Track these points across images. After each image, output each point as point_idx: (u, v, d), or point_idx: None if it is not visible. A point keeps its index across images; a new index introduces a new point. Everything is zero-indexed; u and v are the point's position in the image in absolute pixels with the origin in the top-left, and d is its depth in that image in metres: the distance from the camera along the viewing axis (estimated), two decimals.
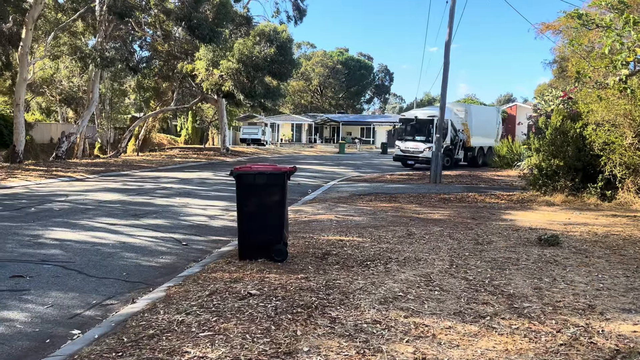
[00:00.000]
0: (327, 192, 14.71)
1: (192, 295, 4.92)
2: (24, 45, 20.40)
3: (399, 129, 27.52)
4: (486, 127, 29.07)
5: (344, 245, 7.12)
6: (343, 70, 75.63)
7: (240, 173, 6.22)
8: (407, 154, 25.77)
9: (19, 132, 20.76)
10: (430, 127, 24.41)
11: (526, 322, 4.35)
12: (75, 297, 5.13)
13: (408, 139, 25.84)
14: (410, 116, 26.76)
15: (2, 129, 28.88)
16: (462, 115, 26.90)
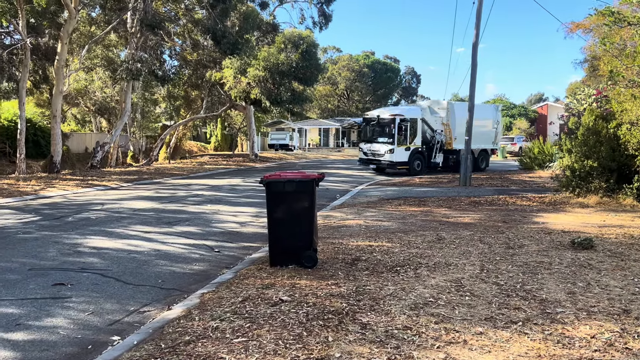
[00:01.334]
0: (355, 196, 14.75)
1: (225, 302, 5.04)
2: (60, 58, 21.08)
3: (362, 129, 25.05)
4: (478, 127, 25.34)
5: (373, 251, 7.15)
6: (369, 74, 75.47)
7: (269, 181, 6.33)
8: (370, 157, 23.61)
9: (56, 143, 21.44)
10: (392, 128, 22.35)
11: (559, 327, 4.32)
12: (114, 304, 5.31)
13: (370, 141, 23.75)
14: (372, 116, 24.18)
15: (40, 140, 29.85)
16: (442, 114, 24.31)
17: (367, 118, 24.51)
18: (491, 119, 26.24)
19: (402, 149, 22.44)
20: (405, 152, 22.59)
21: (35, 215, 10.71)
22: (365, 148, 23.84)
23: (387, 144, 22.48)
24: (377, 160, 23.10)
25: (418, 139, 23.02)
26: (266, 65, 26.10)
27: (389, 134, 22.51)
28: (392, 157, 22.41)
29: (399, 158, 22.43)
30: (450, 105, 24.55)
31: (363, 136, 24.61)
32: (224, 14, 23.85)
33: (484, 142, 25.43)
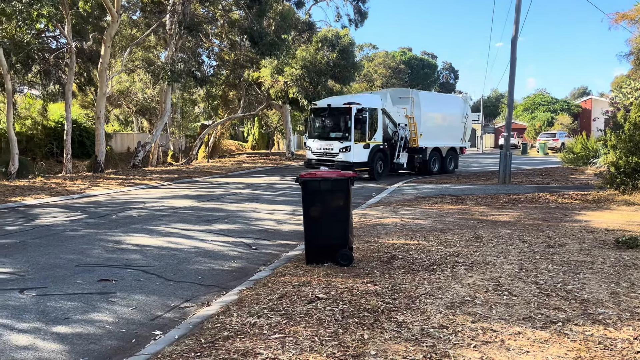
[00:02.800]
0: (391, 194, 14.69)
1: (262, 299, 5.14)
2: (103, 61, 21.75)
3: (309, 123, 20.38)
4: (446, 122, 22.86)
5: (409, 249, 7.13)
6: (406, 70, 74.77)
7: (305, 180, 6.40)
8: (319, 157, 19.32)
9: (100, 143, 22.15)
10: (347, 120, 18.38)
11: (601, 328, 4.22)
12: (155, 300, 5.49)
13: (320, 137, 19.62)
14: (322, 105, 19.89)
15: (85, 140, 30.88)
16: (406, 105, 21.05)
17: (316, 108, 20.06)
18: (459, 112, 23.57)
19: (360, 146, 18.68)
20: (364, 151, 18.78)
21: (81, 214, 11.13)
22: (315, 146, 19.58)
23: (342, 141, 18.63)
24: (330, 161, 18.87)
25: (379, 134, 19.26)
26: (303, 65, 26.23)
27: (344, 127, 18.81)
28: (348, 156, 18.54)
29: (358, 158, 18.59)
30: (415, 94, 21.31)
31: (311, 131, 20.17)
32: (261, 14, 24.09)
33: (451, 139, 22.89)
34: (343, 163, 18.42)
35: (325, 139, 19.31)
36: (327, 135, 19.40)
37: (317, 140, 19.55)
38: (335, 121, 19.35)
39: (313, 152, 19.68)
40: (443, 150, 22.43)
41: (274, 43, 24.49)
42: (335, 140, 18.93)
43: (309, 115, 20.58)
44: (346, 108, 18.64)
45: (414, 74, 76.12)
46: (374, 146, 19.10)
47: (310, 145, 19.76)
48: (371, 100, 19.61)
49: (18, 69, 21.92)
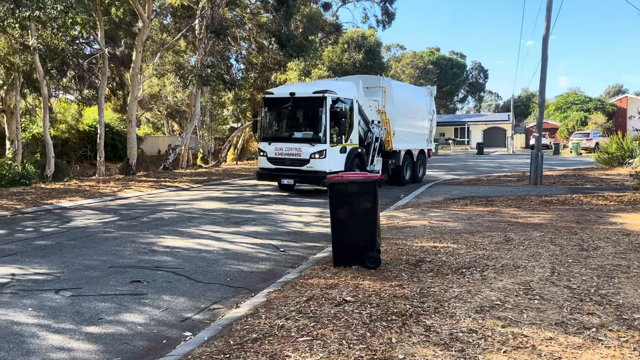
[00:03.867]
0: (419, 196, 14.57)
1: (290, 301, 5.17)
2: (135, 66, 22.22)
3: (262, 118, 15.33)
4: (417, 119, 19.31)
5: (438, 252, 7.07)
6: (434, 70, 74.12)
7: (332, 182, 6.42)
8: (279, 165, 14.55)
9: (132, 146, 22.62)
10: (320, 114, 13.94)
11: (637, 334, 4.11)
12: (185, 301, 5.58)
13: (280, 138, 14.83)
14: (281, 94, 14.90)
15: (117, 144, 31.61)
16: (377, 97, 16.75)
17: (273, 99, 14.97)
18: (425, 107, 19.93)
19: (337, 150, 14.29)
20: (340, 156, 14.46)
21: (114, 216, 11.38)
22: (272, 151, 14.63)
23: (314, 143, 14.03)
24: (296, 172, 14.31)
25: (355, 134, 15.06)
26: (330, 66, 26.32)
27: (315, 124, 14.18)
28: (323, 164, 13.91)
29: (334, 165, 14.10)
30: (387, 84, 17.23)
31: (265, 130, 15.17)
32: (288, 16, 24.23)
33: (420, 141, 19.43)
34: (315, 173, 13.92)
35: (288, 141, 14.49)
36: (291, 136, 14.55)
37: (275, 143, 14.61)
38: (303, 116, 14.84)
39: (270, 159, 14.63)
40: (414, 153, 18.87)
41: (301, 45, 24.63)
42: (304, 142, 14.14)
43: (261, 109, 15.45)
44: (318, 98, 13.92)
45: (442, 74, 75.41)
46: (351, 150, 14.78)
47: (265, 150, 14.73)
48: (346, 89, 15.21)
49: (53, 74, 22.60)
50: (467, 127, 64.58)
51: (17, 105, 22.19)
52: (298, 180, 14.52)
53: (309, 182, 14.83)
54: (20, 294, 5.74)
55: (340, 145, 14.46)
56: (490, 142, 58.56)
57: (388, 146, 16.87)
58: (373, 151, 16.20)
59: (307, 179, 14.44)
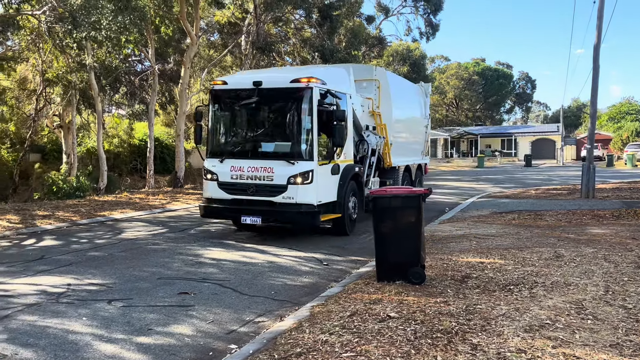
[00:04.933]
0: (465, 210, 14.32)
1: (334, 316, 5.17)
2: (183, 82, 22.93)
3: (212, 122, 10.51)
4: (413, 123, 15.62)
5: (484, 268, 6.92)
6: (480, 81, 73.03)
7: (375, 196, 6.41)
8: (238, 194, 9.74)
9: (180, 160, 23.25)
10: (303, 114, 9.49)
11: None
12: (231, 314, 5.67)
13: (239, 154, 10.03)
14: (240, 84, 10.27)
15: (166, 157, 32.54)
16: (371, 93, 12.54)
17: (228, 91, 10.19)
18: (420, 111, 16.17)
19: (327, 170, 9.79)
20: (333, 179, 10.00)
21: (162, 228, 11.72)
22: (227, 172, 9.80)
23: (292, 159, 9.41)
24: (266, 204, 9.55)
25: (349, 144, 10.65)
26: None
27: (294, 131, 9.63)
28: (307, 193, 9.34)
29: (325, 194, 9.71)
30: (381, 75, 12.93)
31: (213, 140, 10.40)
32: (332, 31, 24.49)
33: (416, 153, 15.85)
34: (296, 208, 9.28)
35: (252, 157, 9.70)
36: (257, 149, 9.84)
37: (231, 160, 9.75)
38: (275, 118, 10.16)
39: (224, 185, 9.74)
40: (413, 170, 15.10)
41: (344, 59, 24.80)
42: (278, 158, 9.50)
43: (207, 107, 10.47)
44: (299, 90, 9.38)
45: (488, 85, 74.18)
46: (346, 169, 10.30)
47: (214, 171, 9.85)
48: (338, 78, 10.71)
49: (107, 91, 23.59)
50: (514, 139, 63.11)
51: (74, 121, 23.28)
52: (269, 219, 9.73)
53: (287, 221, 9.98)
54: (75, 303, 5.99)
55: (332, 162, 9.76)
56: (538, 154, 56.96)
57: (386, 162, 12.61)
58: (369, 169, 11.75)
59: (284, 216, 9.51)
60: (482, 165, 43.21)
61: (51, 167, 26.70)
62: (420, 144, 16.25)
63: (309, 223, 9.86)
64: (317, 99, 9.44)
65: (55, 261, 8.17)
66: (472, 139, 65.28)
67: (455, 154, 64.06)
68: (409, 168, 14.67)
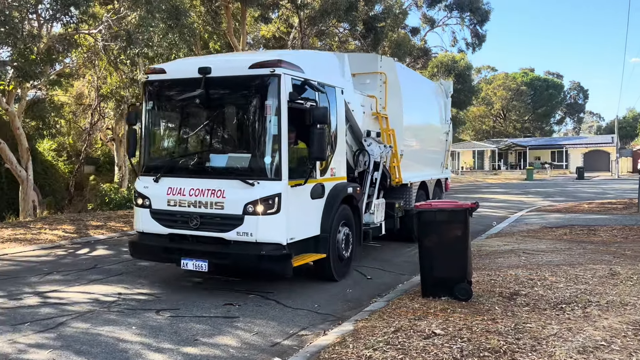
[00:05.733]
0: (513, 224, 13.93)
1: (377, 331, 5.12)
2: None
3: (146, 126, 7.59)
4: (431, 129, 13.03)
5: (534, 285, 6.70)
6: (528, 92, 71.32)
7: (420, 210, 6.33)
8: (178, 227, 6.96)
9: None
10: (266, 112, 6.67)
11: None
12: (275, 326, 5.71)
13: (179, 168, 7.40)
14: (182, 72, 7.33)
15: None
16: (374, 89, 10.19)
17: (166, 82, 7.43)
18: (439, 114, 13.40)
19: (304, 192, 7.05)
20: (313, 205, 7.30)
21: None
22: (163, 195, 7.05)
23: (253, 178, 6.61)
24: (214, 242, 6.80)
25: (340, 155, 8.18)
26: None
27: (254, 136, 6.95)
28: (273, 226, 6.58)
29: (299, 228, 6.98)
30: (388, 67, 10.37)
31: (145, 150, 7.62)
32: (376, 43, 24.51)
33: (435, 166, 13.07)
34: (256, 248, 6.60)
35: (196, 174, 7.21)
36: (202, 164, 7.38)
37: (169, 179, 7.18)
38: (229, 120, 7.60)
39: (158, 215, 7.13)
40: (430, 187, 12.29)
41: None
42: (231, 176, 6.86)
43: (141, 105, 7.74)
44: (260, 78, 6.76)
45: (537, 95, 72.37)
46: (334, 190, 7.74)
47: (146, 194, 7.26)
48: (323, 66, 8.28)
49: None
50: (565, 150, 61.14)
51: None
52: (219, 262, 6.85)
53: (244, 266, 7.09)
54: (125, 312, 6.17)
55: (312, 181, 7.13)
56: (591, 166, 54.88)
57: (394, 177, 10.06)
58: (371, 188, 9.28)
59: (239, 260, 6.75)
60: (531, 178, 41.98)
61: (104, 178, 27.78)
62: (440, 155, 13.51)
63: (274, 271, 6.89)
64: (287, 91, 6.63)
65: (107, 270, 8.45)
66: (521, 151, 63.68)
67: (503, 166, 62.61)
68: (425, 185, 11.89)
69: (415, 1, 31.93)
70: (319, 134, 6.68)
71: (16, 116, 16.84)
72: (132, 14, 15.53)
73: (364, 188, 9.15)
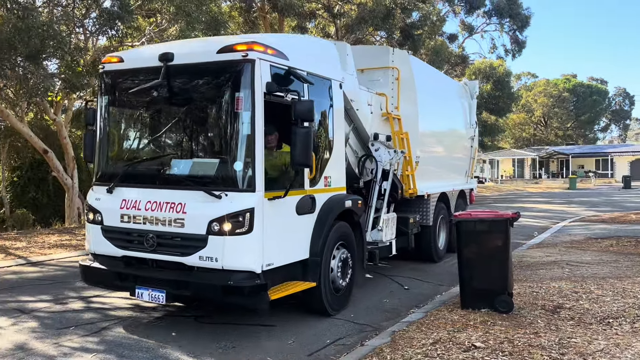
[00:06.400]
0: (556, 234, 13.54)
1: (416, 342, 5.04)
2: None
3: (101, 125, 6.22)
4: (452, 134, 11.71)
5: (579, 298, 6.48)
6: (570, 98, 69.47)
7: (460, 220, 6.23)
8: (133, 248, 5.72)
9: None
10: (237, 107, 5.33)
11: None
12: (312, 335, 5.69)
13: (135, 175, 6.00)
14: (144, 61, 6.00)
15: None
16: (385, 86, 8.88)
17: (122, 73, 6.07)
18: (461, 114, 11.96)
19: (286, 206, 5.66)
20: (300, 222, 5.93)
21: None
22: (116, 209, 5.78)
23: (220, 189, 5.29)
24: (174, 267, 5.52)
25: (338, 161, 6.75)
26: None
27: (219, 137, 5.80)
28: (242, 250, 5.25)
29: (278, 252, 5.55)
30: (401, 61, 9.12)
31: (100, 155, 6.25)
32: (413, 50, 24.36)
33: (458, 174, 11.69)
34: (221, 280, 5.21)
35: (153, 184, 5.83)
36: (161, 172, 5.96)
37: (124, 189, 5.89)
38: (191, 117, 6.08)
39: (111, 234, 5.86)
40: (452, 199, 10.85)
41: None
42: (191, 187, 5.55)
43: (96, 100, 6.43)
44: (230, 64, 5.41)
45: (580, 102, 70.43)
46: (328, 203, 6.36)
47: (98, 208, 5.97)
48: (315, 53, 6.87)
49: None
50: (610, 159, 59.09)
51: None
52: (178, 294, 5.64)
53: (206, 298, 6.05)
54: (165, 319, 6.29)
55: (298, 192, 5.90)
56: (638, 175, 52.85)
57: (407, 188, 8.79)
58: (378, 200, 8.08)
59: (200, 291, 5.53)
60: (574, 187, 40.73)
61: None
62: (464, 162, 12.05)
63: (245, 306, 5.81)
64: (264, 80, 5.33)
65: None
66: (563, 159, 61.97)
67: (544, 175, 61.05)
68: (445, 197, 10.42)
69: (453, 8, 31.61)
70: (303, 134, 5.28)
71: (63, 126, 17.50)
72: (173, 26, 15.98)
73: (371, 200, 7.97)
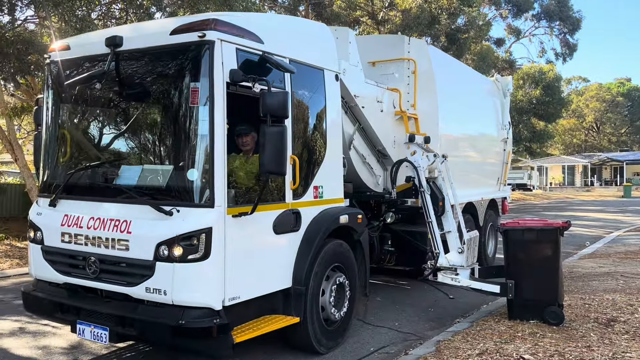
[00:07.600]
0: (610, 244, 13.02)
1: (461, 353, 4.96)
2: None
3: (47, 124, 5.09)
4: (481, 136, 10.39)
5: (634, 312, 6.21)
6: (625, 103, 66.81)
7: (507, 229, 6.10)
8: (74, 274, 4.57)
9: None
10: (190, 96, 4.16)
11: None
12: (355, 343, 5.67)
13: (79, 187, 4.79)
14: (91, 48, 4.75)
15: None
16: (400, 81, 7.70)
17: (74, 60, 4.88)
18: (493, 114, 10.63)
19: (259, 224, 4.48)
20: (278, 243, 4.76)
21: None
22: (56, 227, 4.65)
23: (166, 203, 4.15)
24: (119, 299, 4.34)
25: (335, 165, 5.52)
26: None
27: (173, 138, 4.61)
28: (192, 277, 4.05)
29: (246, 281, 4.35)
30: (418, 52, 7.82)
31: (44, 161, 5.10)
32: (459, 56, 24.02)
33: (484, 182, 10.19)
34: (169, 319, 4.04)
35: (96, 197, 4.70)
36: (105, 181, 4.85)
37: (65, 204, 4.74)
38: (140, 114, 4.93)
39: (52, 256, 4.72)
40: (479, 209, 9.43)
41: None
42: (137, 200, 4.35)
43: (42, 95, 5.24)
44: (185, 47, 4.21)
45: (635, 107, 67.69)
46: (319, 217, 5.14)
47: (40, 224, 4.83)
48: (302, 39, 5.43)
49: None
50: None
51: None
52: (123, 333, 4.31)
53: (153, 340, 4.52)
54: None
55: (276, 206, 4.71)
56: None
57: None
58: (428, 223, 6.72)
59: (146, 331, 4.23)
60: (629, 195, 39.02)
61: None
62: (496, 168, 10.66)
63: (200, 353, 4.28)
64: (228, 67, 4.20)
65: None
66: (617, 166, 59.52)
67: (597, 182, 58.78)
68: (472, 207, 9.06)
69: (500, 12, 31.00)
70: (274, 134, 4.12)
71: None
72: None
73: (428, 215, 6.69)
